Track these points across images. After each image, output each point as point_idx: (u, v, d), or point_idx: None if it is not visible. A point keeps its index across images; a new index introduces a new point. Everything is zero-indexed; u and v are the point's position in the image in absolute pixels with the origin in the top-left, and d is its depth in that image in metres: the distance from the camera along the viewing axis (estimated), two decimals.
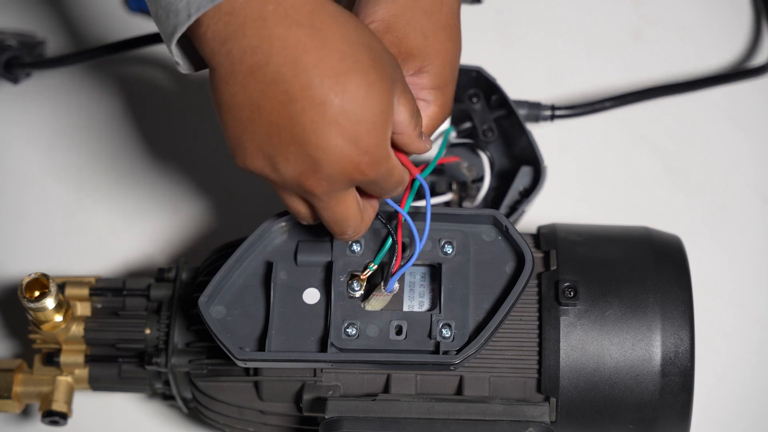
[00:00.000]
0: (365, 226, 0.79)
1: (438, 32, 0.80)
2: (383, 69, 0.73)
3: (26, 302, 0.89)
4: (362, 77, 0.71)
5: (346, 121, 0.71)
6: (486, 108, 0.98)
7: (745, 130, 1.10)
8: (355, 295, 0.84)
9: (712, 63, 1.11)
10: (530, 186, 0.98)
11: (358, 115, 0.71)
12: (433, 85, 0.81)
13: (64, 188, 1.08)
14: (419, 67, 0.80)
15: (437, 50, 0.80)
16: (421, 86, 0.81)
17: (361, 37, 0.72)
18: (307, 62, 0.70)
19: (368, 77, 0.71)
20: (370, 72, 0.72)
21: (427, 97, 0.81)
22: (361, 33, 0.73)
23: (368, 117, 0.72)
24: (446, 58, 0.81)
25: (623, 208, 1.07)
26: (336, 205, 0.76)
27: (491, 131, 0.97)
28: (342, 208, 0.76)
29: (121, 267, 1.05)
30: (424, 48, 0.80)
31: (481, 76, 0.98)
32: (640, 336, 0.85)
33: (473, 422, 0.83)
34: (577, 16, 1.13)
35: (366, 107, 0.71)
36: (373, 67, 0.72)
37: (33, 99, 1.10)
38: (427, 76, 0.81)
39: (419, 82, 0.81)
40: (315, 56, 0.70)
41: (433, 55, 0.80)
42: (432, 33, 0.80)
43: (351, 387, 0.87)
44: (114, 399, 1.02)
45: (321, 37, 0.70)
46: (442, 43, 0.81)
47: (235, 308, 0.85)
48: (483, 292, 0.84)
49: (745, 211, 1.07)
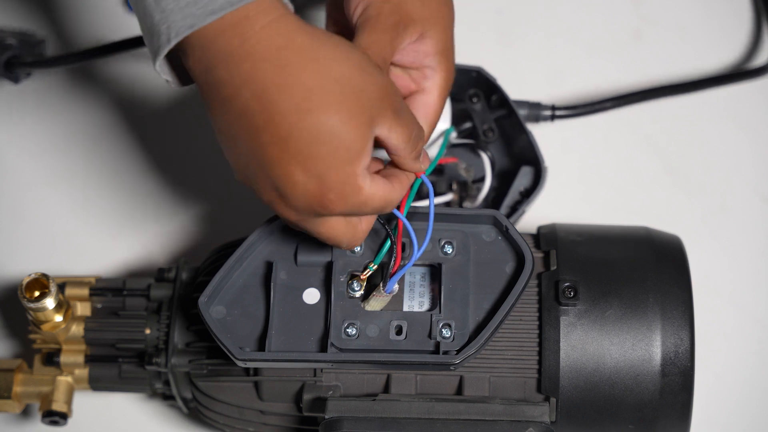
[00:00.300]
0: (359, 239, 0.79)
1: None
2: (357, 104, 0.72)
3: (26, 302, 0.89)
4: (328, 115, 0.71)
5: (309, 158, 0.71)
6: (486, 108, 0.98)
7: (745, 130, 1.10)
8: (355, 295, 0.84)
9: (712, 63, 1.11)
10: (531, 186, 0.98)
11: (322, 152, 0.71)
12: (437, 49, 0.81)
13: (64, 188, 1.08)
14: (420, 33, 0.80)
15: (435, 15, 0.81)
16: (425, 53, 0.81)
17: (335, 72, 0.72)
18: (271, 98, 0.71)
19: (336, 115, 0.71)
20: (339, 109, 0.71)
21: (432, 63, 0.81)
22: (338, 67, 0.72)
23: (333, 154, 0.72)
24: (445, 22, 0.81)
25: (623, 208, 1.07)
26: (319, 227, 0.76)
27: (492, 131, 0.97)
28: (325, 229, 0.77)
29: (121, 267, 1.05)
30: (423, 13, 0.80)
31: (481, 76, 0.98)
32: (640, 336, 0.85)
33: (473, 422, 0.83)
34: (576, 17, 1.13)
35: (331, 145, 0.71)
36: (343, 103, 0.71)
37: (33, 98, 1.10)
38: (430, 41, 0.81)
39: (423, 49, 0.81)
40: (279, 93, 0.71)
41: (432, 20, 0.80)
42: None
43: (351, 387, 0.87)
44: (114, 399, 1.02)
45: (286, 73, 0.71)
46: (438, 7, 0.81)
47: (235, 308, 0.85)
48: (483, 292, 0.84)
49: (745, 211, 1.07)
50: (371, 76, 0.73)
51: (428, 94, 0.82)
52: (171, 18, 0.71)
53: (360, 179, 0.73)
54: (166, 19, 0.72)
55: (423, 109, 0.82)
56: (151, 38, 0.73)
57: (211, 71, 0.72)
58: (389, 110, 0.74)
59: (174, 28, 0.71)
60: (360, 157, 0.73)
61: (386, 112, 0.74)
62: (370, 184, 0.74)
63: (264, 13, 0.72)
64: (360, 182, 0.73)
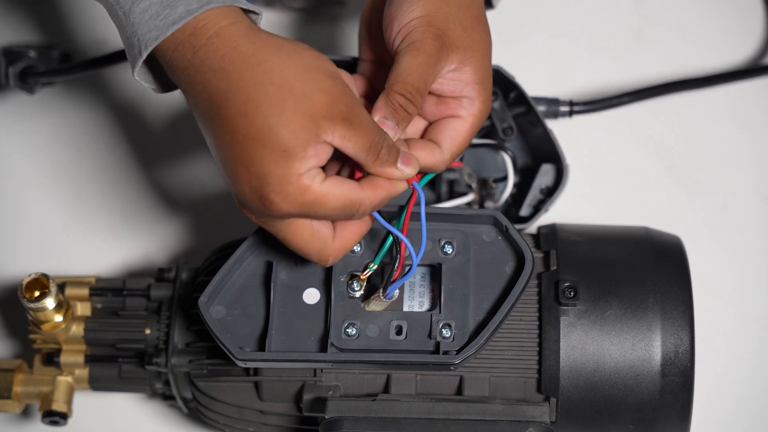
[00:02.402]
0: (329, 253, 0.79)
1: (475, 24, 0.82)
2: (296, 108, 0.74)
3: (26, 302, 0.89)
4: (265, 118, 0.73)
5: (249, 160, 0.74)
6: (505, 106, 0.97)
7: (746, 131, 1.10)
8: (355, 295, 0.84)
9: (713, 63, 1.11)
10: (552, 184, 0.97)
11: (262, 153, 0.74)
12: (476, 79, 0.82)
13: (64, 188, 1.08)
14: (461, 60, 0.81)
15: (477, 42, 0.81)
16: (465, 81, 0.81)
17: (275, 78, 0.74)
18: (218, 105, 0.74)
19: (274, 118, 0.73)
20: (278, 113, 0.73)
21: (471, 93, 0.82)
22: (279, 74, 0.74)
23: (270, 155, 0.74)
24: (485, 50, 0.82)
25: (624, 208, 1.07)
26: (283, 232, 0.78)
27: (511, 130, 0.96)
28: (290, 235, 0.78)
29: (121, 267, 1.05)
30: (465, 41, 0.81)
31: (498, 74, 0.98)
32: (640, 336, 0.85)
33: (473, 422, 0.83)
34: (578, 17, 1.13)
35: (268, 146, 0.74)
36: (282, 107, 0.73)
37: (34, 103, 1.09)
38: (469, 70, 0.81)
39: (462, 77, 0.81)
40: (223, 100, 0.74)
41: (474, 47, 0.81)
42: (470, 25, 0.81)
43: (351, 387, 0.87)
44: (114, 399, 1.02)
45: (228, 79, 0.74)
46: (479, 35, 0.82)
47: (235, 308, 0.85)
48: (483, 292, 0.84)
49: (745, 211, 1.07)
50: (316, 82, 0.75)
51: (461, 122, 0.83)
52: (140, 31, 0.75)
53: (304, 179, 0.74)
54: (135, 32, 0.76)
55: (451, 134, 0.82)
56: (128, 50, 0.77)
57: (179, 81, 0.77)
58: (338, 117, 0.75)
59: (143, 41, 0.75)
60: (300, 158, 0.74)
61: (334, 119, 0.74)
62: (322, 184, 0.75)
63: (214, 22, 0.75)
64: (305, 181, 0.74)
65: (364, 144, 0.76)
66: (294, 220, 0.77)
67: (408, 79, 0.79)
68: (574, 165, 1.00)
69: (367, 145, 0.76)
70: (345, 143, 0.75)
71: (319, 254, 0.79)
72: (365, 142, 0.76)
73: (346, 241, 0.80)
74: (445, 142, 0.82)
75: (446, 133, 0.82)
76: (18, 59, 1.05)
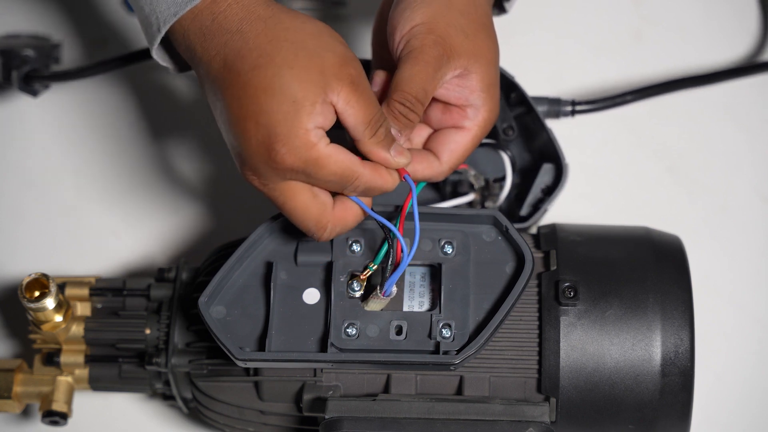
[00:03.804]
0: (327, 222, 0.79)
1: (478, 31, 0.81)
2: (308, 63, 0.76)
3: (26, 302, 0.89)
4: (277, 69, 0.76)
5: (259, 111, 0.76)
6: (506, 106, 0.97)
7: (746, 130, 1.10)
8: (355, 295, 0.84)
9: (712, 63, 1.11)
10: (552, 184, 0.97)
11: (271, 104, 0.75)
12: (482, 86, 0.81)
13: (64, 188, 1.08)
14: (465, 67, 0.81)
15: (480, 48, 0.81)
16: (471, 88, 0.81)
17: (290, 36, 0.76)
18: (233, 62, 0.77)
19: (286, 70, 0.75)
20: (290, 65, 0.75)
21: (476, 101, 0.82)
22: (293, 33, 0.77)
23: (280, 106, 0.75)
24: (490, 57, 0.82)
25: (624, 208, 1.07)
26: (284, 195, 0.78)
27: (511, 129, 0.96)
28: (290, 199, 0.78)
29: (121, 267, 1.05)
30: (467, 47, 0.81)
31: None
32: (640, 336, 0.85)
33: (473, 422, 0.83)
34: (577, 17, 1.13)
35: (279, 97, 0.75)
36: (294, 61, 0.76)
37: (35, 103, 1.09)
38: (475, 77, 0.81)
39: (468, 84, 0.81)
40: (238, 57, 0.77)
41: (478, 53, 0.81)
42: (472, 32, 0.81)
43: (351, 387, 0.87)
44: (114, 399, 1.02)
45: (245, 39, 0.77)
46: (483, 42, 0.82)
47: (235, 308, 0.85)
48: (483, 292, 0.84)
49: (745, 211, 1.07)
50: (329, 44, 0.77)
51: (464, 134, 0.83)
52: (158, 9, 0.78)
53: (311, 135, 0.76)
54: (154, 10, 0.78)
55: (452, 146, 0.82)
56: (146, 29, 0.80)
57: (192, 51, 0.78)
58: (346, 79, 0.76)
59: (161, 18, 0.78)
60: (308, 112, 0.75)
61: (343, 80, 0.76)
62: (327, 146, 0.76)
63: None
64: (311, 138, 0.76)
65: (365, 116, 0.77)
66: (295, 183, 0.78)
67: (407, 87, 0.79)
68: (574, 165, 1.00)
69: (367, 118, 0.77)
70: (347, 109, 0.76)
71: (317, 220, 0.79)
72: (366, 114, 0.77)
73: (345, 214, 0.80)
74: (445, 155, 0.82)
75: (447, 145, 0.82)
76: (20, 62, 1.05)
